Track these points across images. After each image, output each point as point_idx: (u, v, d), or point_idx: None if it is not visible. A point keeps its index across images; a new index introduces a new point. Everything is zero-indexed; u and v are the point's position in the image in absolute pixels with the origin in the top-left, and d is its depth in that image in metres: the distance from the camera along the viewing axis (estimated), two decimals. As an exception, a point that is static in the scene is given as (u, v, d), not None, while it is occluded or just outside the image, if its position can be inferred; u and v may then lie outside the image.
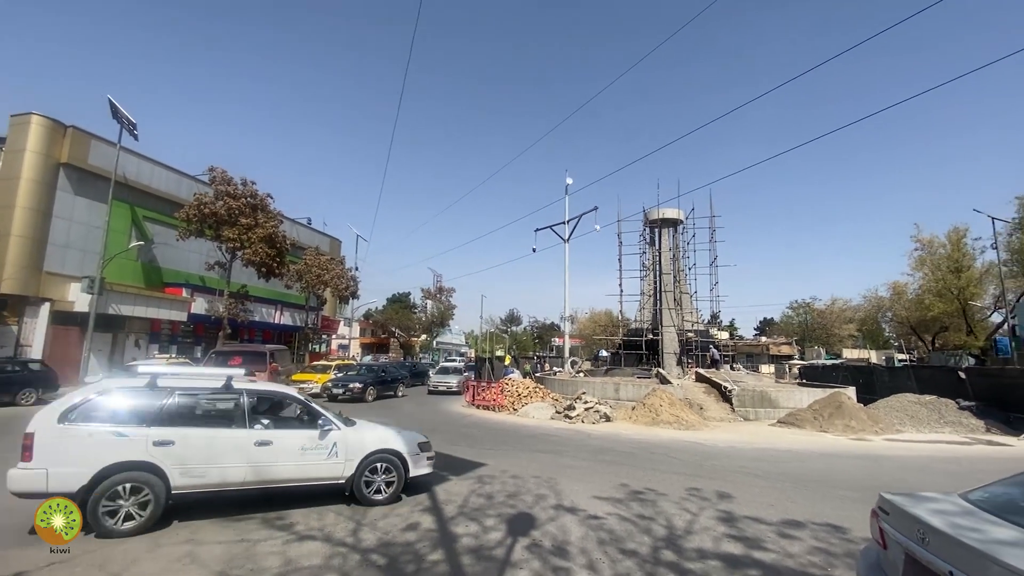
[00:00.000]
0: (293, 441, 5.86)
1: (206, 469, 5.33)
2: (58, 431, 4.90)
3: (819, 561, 4.77)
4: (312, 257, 31.42)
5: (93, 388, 5.41)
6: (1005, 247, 29.16)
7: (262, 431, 5.75)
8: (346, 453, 6.09)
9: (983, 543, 2.21)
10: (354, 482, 6.11)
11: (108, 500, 4.81)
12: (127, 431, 5.09)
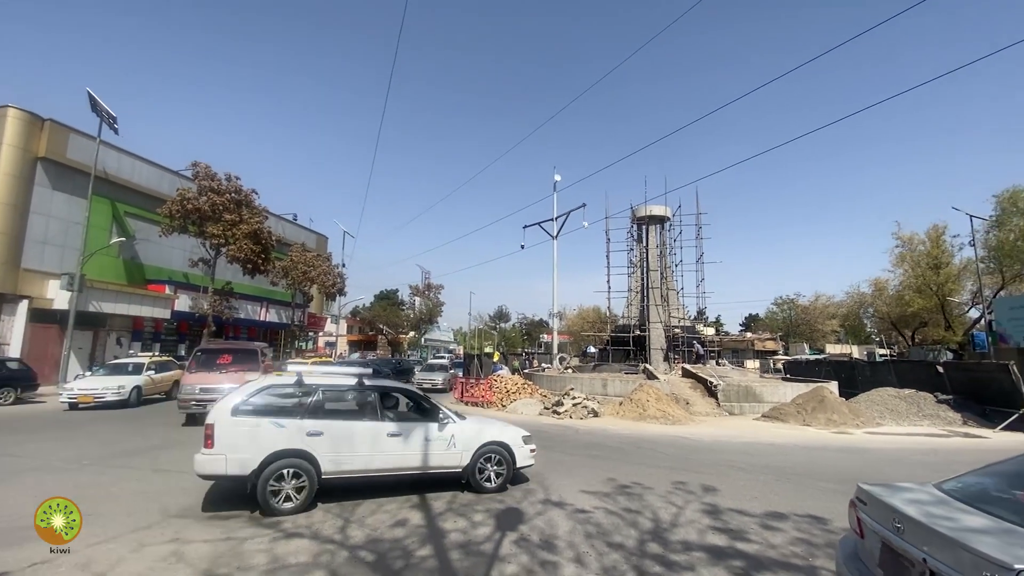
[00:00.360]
0: (418, 433, 6.49)
1: (349, 457, 6.02)
2: (232, 422, 5.65)
3: (801, 551, 4.88)
4: (298, 253, 31.08)
5: (254, 384, 6.22)
6: (982, 244, 29.86)
7: (392, 423, 6.40)
8: (463, 444, 6.70)
9: (955, 531, 2.29)
10: (470, 471, 6.69)
11: (274, 482, 5.56)
12: (285, 423, 5.83)
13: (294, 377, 6.24)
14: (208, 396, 11.42)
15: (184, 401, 12.00)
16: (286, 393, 6.11)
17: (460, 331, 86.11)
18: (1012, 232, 28.58)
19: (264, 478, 5.52)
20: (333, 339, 46.74)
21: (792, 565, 4.56)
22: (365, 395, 6.54)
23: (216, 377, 12.30)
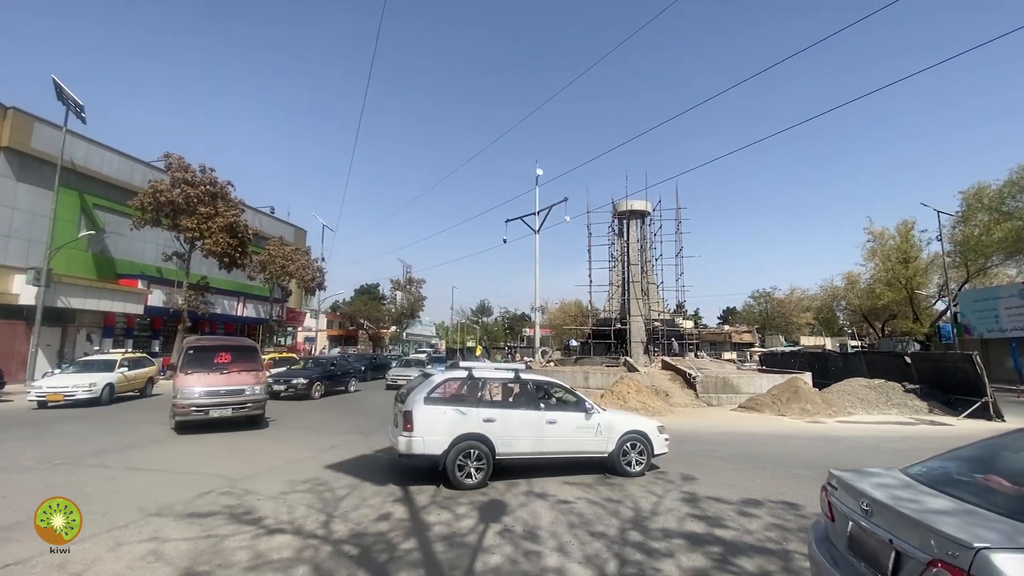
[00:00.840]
0: (570, 421, 7.33)
1: (517, 441, 6.94)
2: (425, 410, 6.60)
3: (775, 536, 5.05)
4: (276, 247, 30.50)
5: (436, 377, 7.15)
6: (949, 239, 30.95)
7: (549, 412, 7.26)
8: (608, 432, 7.46)
9: (920, 513, 2.40)
10: (615, 456, 7.42)
11: (461, 459, 6.53)
12: (466, 410, 6.80)
13: (465, 372, 7.28)
14: (213, 400, 10.42)
15: (182, 407, 10.15)
16: (458, 385, 7.23)
17: (442, 325, 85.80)
18: (976, 227, 29.65)
19: (452, 457, 6.51)
20: (313, 334, 46.17)
21: (767, 550, 4.71)
22: (523, 388, 7.58)
23: (218, 378, 10.84)
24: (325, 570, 4.09)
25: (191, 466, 7.59)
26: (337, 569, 4.11)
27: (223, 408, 10.53)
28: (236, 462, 7.90)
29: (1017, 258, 29.52)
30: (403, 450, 6.53)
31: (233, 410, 10.68)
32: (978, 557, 2.02)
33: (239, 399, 10.80)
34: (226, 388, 10.75)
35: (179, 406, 10.19)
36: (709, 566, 4.32)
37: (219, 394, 10.57)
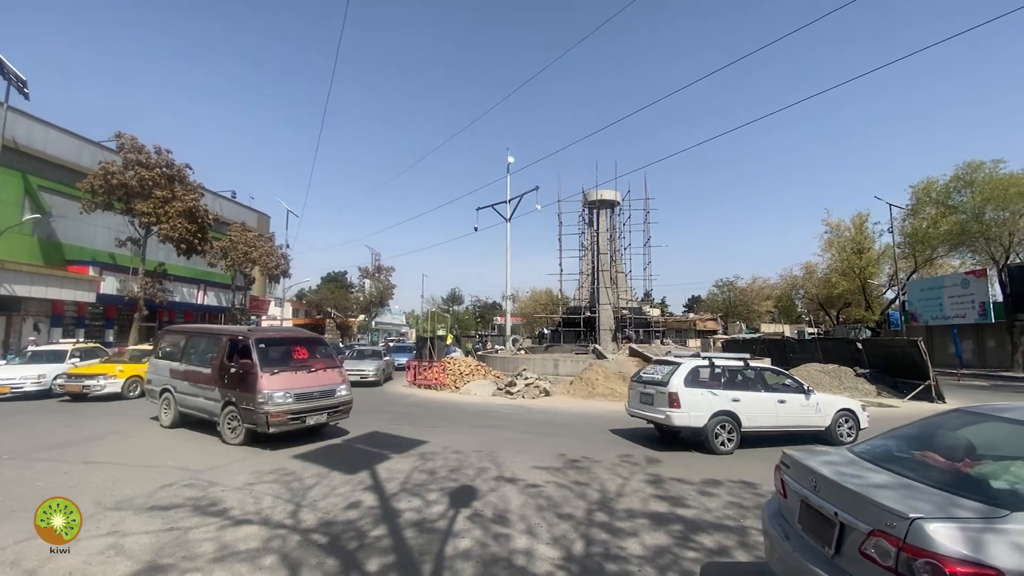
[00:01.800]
0: (795, 401, 8.84)
1: (757, 417, 8.49)
2: (687, 392, 8.29)
3: (733, 514, 5.29)
4: (238, 233, 29.44)
5: (686, 366, 8.62)
6: (900, 231, 32.51)
7: (777, 393, 8.85)
8: (824, 409, 8.99)
9: (862, 487, 2.58)
10: (831, 430, 8.91)
11: (717, 430, 8.19)
12: (716, 392, 8.44)
13: (707, 361, 8.91)
14: (309, 405, 8.53)
15: (278, 416, 8.05)
16: (706, 372, 8.76)
17: (412, 314, 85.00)
18: (924, 220, 31.20)
19: (710, 428, 8.14)
20: (278, 323, 45.02)
21: (725, 526, 4.94)
22: (755, 374, 9.05)
23: (306, 378, 8.83)
24: (293, 559, 4.07)
25: (152, 459, 7.36)
26: (306, 558, 4.10)
27: (319, 414, 8.76)
28: (199, 454, 7.71)
29: (961, 249, 31.27)
30: (676, 422, 8.23)
31: (328, 415, 8.97)
32: (912, 527, 2.19)
33: (332, 401, 9.02)
34: (319, 389, 8.89)
35: (275, 415, 8.03)
36: (671, 543, 4.51)
37: (313, 396, 8.70)
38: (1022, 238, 27.23)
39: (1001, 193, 25.82)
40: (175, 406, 9.77)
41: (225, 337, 9.27)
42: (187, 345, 10.13)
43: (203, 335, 10.23)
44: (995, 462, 2.73)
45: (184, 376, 9.68)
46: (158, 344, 11.12)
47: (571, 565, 4.05)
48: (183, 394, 9.66)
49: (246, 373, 8.33)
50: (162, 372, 10.30)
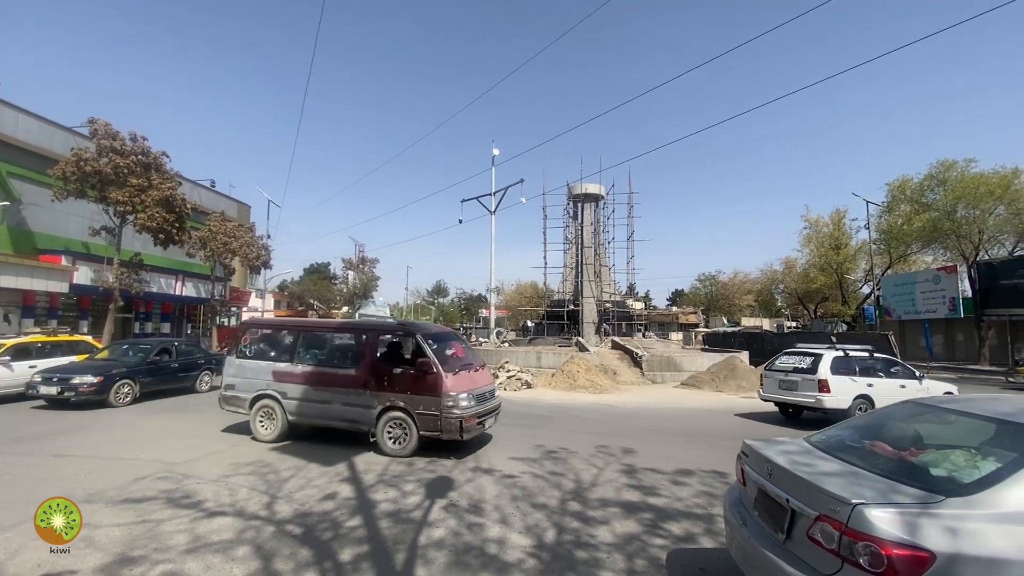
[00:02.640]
0: (912, 385, 10.56)
1: (884, 399, 9.20)
2: (834, 379, 10.19)
3: (702, 502, 5.45)
4: (217, 223, 28.86)
5: (828, 356, 10.56)
6: (876, 227, 33.31)
7: (897, 379, 10.65)
8: (934, 392, 10.61)
9: (811, 475, 2.70)
10: None
11: (857, 412, 9.73)
12: (855, 379, 10.38)
13: (843, 352, 10.74)
14: (485, 407, 7.71)
15: (471, 420, 7.24)
16: (842, 361, 10.54)
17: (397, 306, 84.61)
18: (899, 217, 32.02)
19: (852, 410, 9.86)
20: (259, 314, 44.45)
21: (694, 514, 5.09)
22: (876, 362, 10.93)
23: (476, 378, 8.04)
24: (267, 550, 4.10)
25: (125, 452, 7.28)
26: (280, 548, 4.13)
27: (491, 416, 7.97)
28: (175, 447, 7.64)
29: (933, 246, 32.17)
30: (827, 404, 10.00)
31: (495, 419, 8.21)
32: (854, 512, 2.32)
33: (496, 403, 8.32)
34: (487, 389, 8.15)
35: (468, 420, 7.20)
36: (641, 531, 4.64)
37: (485, 398, 7.90)
38: (991, 235, 28.14)
39: (972, 192, 26.60)
40: (283, 416, 7.97)
41: (374, 333, 8.03)
42: (302, 342, 8.40)
43: (330, 330, 8.90)
44: (937, 451, 2.87)
45: (305, 379, 7.95)
46: (238, 341, 8.98)
47: (542, 553, 4.15)
48: (302, 400, 7.89)
49: (422, 374, 7.24)
50: (257, 375, 8.31)
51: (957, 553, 2.12)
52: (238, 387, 8.46)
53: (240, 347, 8.84)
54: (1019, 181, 25.92)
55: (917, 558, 2.13)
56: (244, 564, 3.85)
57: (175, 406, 11.56)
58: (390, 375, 7.49)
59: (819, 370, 10.28)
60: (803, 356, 11.14)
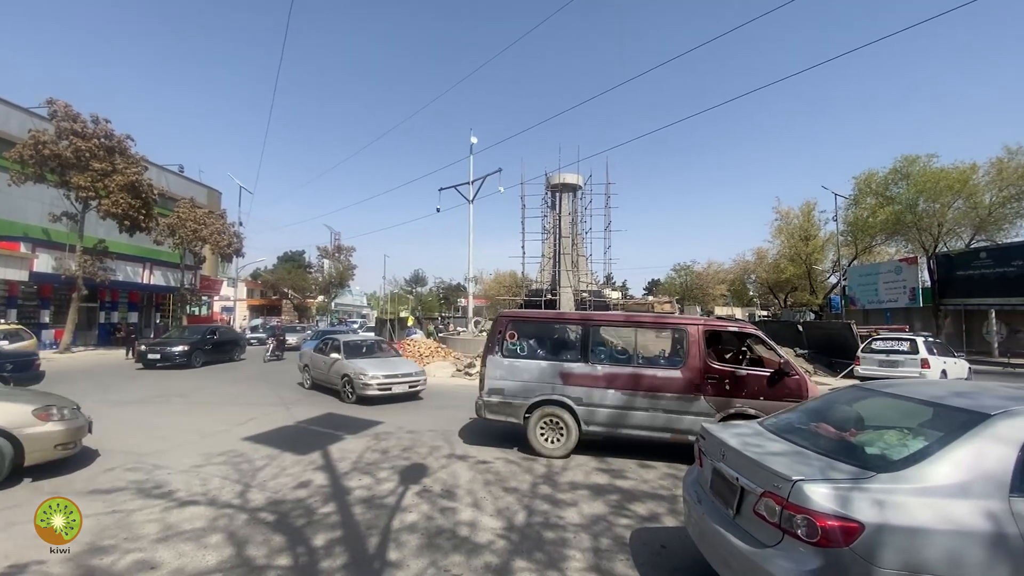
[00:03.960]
0: (958, 362, 13.52)
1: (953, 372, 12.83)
2: (931, 357, 13.57)
3: (667, 484, 5.69)
4: (186, 210, 28.08)
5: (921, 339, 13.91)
6: (843, 220, 34.32)
7: (952, 358, 13.60)
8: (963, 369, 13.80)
9: (759, 455, 2.89)
10: None
11: None
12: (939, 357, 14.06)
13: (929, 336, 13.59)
14: None
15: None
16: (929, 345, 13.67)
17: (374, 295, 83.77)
18: (865, 210, 33.01)
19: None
20: (231, 304, 43.54)
21: (659, 495, 5.32)
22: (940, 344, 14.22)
23: None
24: (240, 537, 4.15)
25: (91, 441, 7.14)
26: (252, 535, 4.18)
27: None
28: (144, 437, 7.54)
29: (896, 238, 33.35)
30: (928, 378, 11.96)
31: None
32: (794, 488, 2.50)
33: None
34: None
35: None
36: (607, 512, 4.83)
37: None
38: (950, 228, 29.28)
39: (933, 186, 27.60)
40: (575, 425, 6.85)
41: (698, 327, 6.90)
42: (591, 337, 7.31)
43: (636, 324, 7.48)
44: (874, 431, 3.10)
45: (609, 382, 6.88)
46: (502, 336, 7.50)
47: (511, 534, 4.30)
48: (606, 408, 6.83)
49: (781, 376, 6.36)
50: (538, 377, 7.12)
51: (883, 524, 2.32)
52: (508, 392, 7.17)
53: (507, 344, 7.46)
54: (976, 177, 26.98)
55: (847, 528, 2.33)
56: (217, 551, 3.89)
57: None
58: (732, 377, 6.56)
59: (920, 351, 13.58)
60: (899, 340, 14.61)
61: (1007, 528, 2.27)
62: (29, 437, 5.26)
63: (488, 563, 3.78)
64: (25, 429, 5.25)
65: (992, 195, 26.57)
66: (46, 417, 5.43)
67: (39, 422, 5.36)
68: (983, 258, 27.05)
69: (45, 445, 5.39)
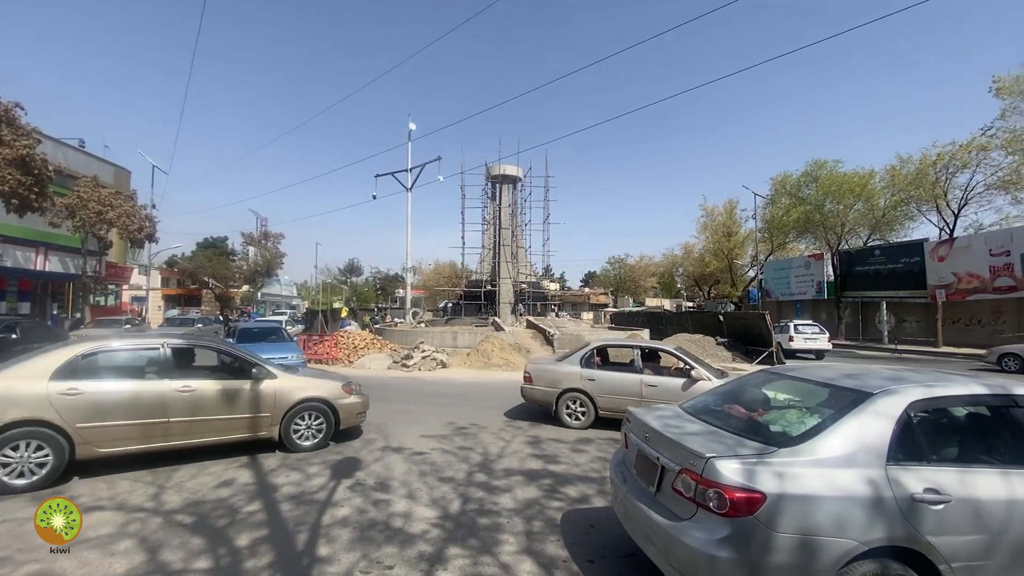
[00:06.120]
0: None
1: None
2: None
3: (598, 467, 5.94)
4: (89, 189, 25.30)
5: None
6: (761, 218, 37.01)
7: None
8: None
9: (677, 435, 3.10)
10: None
11: None
12: None
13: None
14: None
15: None
16: None
17: (305, 285, 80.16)
18: (780, 209, 35.80)
19: None
20: (143, 293, 40.04)
21: (589, 478, 5.55)
22: None
23: None
24: (153, 541, 3.88)
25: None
26: (168, 539, 3.93)
27: None
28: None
29: (806, 236, 36.46)
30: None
31: None
32: (707, 464, 2.71)
33: None
34: None
35: None
36: (540, 496, 4.98)
37: None
38: (851, 227, 32.39)
39: (837, 189, 30.41)
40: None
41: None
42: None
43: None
44: (777, 410, 3.41)
45: None
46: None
47: (446, 523, 4.33)
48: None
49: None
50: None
51: (782, 493, 2.57)
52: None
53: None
54: (874, 182, 30.00)
55: (751, 499, 2.56)
56: (126, 558, 3.63)
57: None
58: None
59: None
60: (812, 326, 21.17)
61: (884, 492, 2.59)
62: (342, 406, 6.70)
63: (422, 552, 3.79)
64: (339, 400, 6.70)
65: (886, 199, 29.63)
66: (350, 391, 6.88)
67: (346, 395, 6.80)
68: (877, 255, 30.15)
69: (351, 412, 6.86)
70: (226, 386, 5.92)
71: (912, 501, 2.58)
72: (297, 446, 6.33)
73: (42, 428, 4.91)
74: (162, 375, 5.63)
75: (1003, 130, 23.73)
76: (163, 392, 5.49)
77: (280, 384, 6.29)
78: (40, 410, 4.91)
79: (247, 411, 6.02)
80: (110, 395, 5.27)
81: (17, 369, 5.07)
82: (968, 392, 3.02)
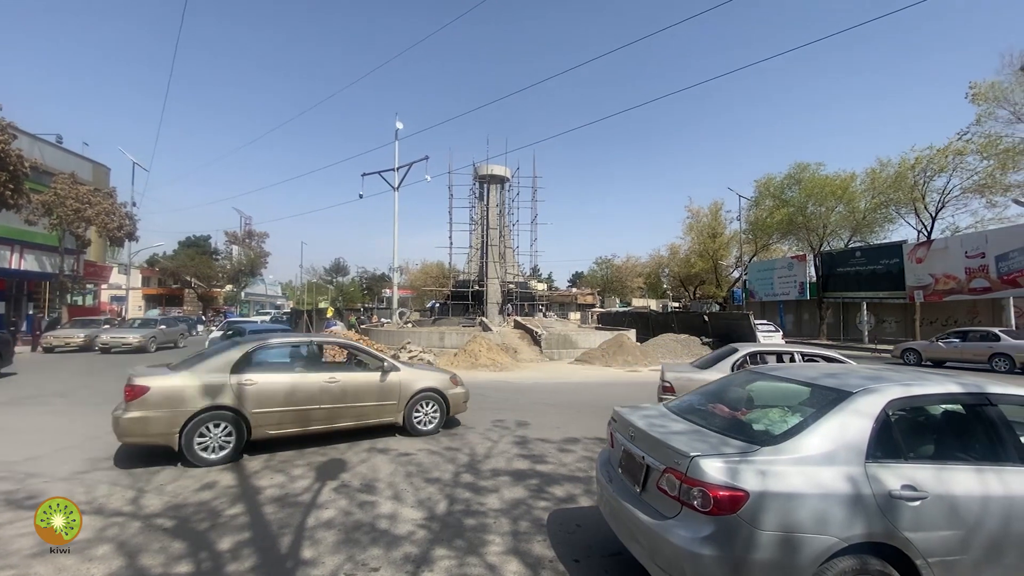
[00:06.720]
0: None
1: None
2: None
3: (584, 467, 5.96)
4: (66, 186, 24.77)
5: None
6: (745, 219, 37.47)
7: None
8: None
9: (662, 434, 3.12)
10: None
11: None
12: None
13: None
14: None
15: None
16: None
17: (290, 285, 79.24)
18: (764, 211, 36.30)
19: None
20: (123, 292, 39.26)
21: (576, 478, 5.56)
22: None
23: None
24: (132, 546, 3.81)
25: None
26: (148, 543, 3.86)
27: None
28: (11, 444, 6.66)
29: (789, 237, 37.00)
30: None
31: None
32: (692, 463, 2.74)
33: None
34: None
35: None
36: (527, 496, 4.98)
37: None
38: (832, 229, 32.94)
39: (819, 191, 30.91)
40: None
41: None
42: None
43: None
44: (760, 409, 3.45)
45: None
46: None
47: (432, 524, 4.31)
48: None
49: None
50: None
51: (765, 491, 2.60)
52: None
53: None
54: (855, 184, 30.55)
55: (735, 497, 2.59)
56: (104, 563, 3.55)
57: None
58: None
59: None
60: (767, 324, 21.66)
61: (863, 489, 2.64)
62: (451, 396, 7.56)
63: (408, 554, 3.77)
64: (449, 390, 7.56)
65: (867, 201, 30.20)
66: (456, 383, 7.74)
67: (453, 386, 7.66)
68: (858, 257, 30.73)
69: (459, 401, 7.71)
70: (364, 378, 6.93)
71: (890, 498, 2.63)
72: (418, 431, 7.19)
73: (228, 412, 5.88)
74: (309, 368, 6.73)
75: (979, 135, 24.32)
76: (317, 383, 6.47)
77: (403, 376, 7.22)
78: (226, 398, 5.88)
79: (379, 399, 6.97)
80: (277, 385, 6.25)
81: (206, 364, 6.03)
82: (944, 391, 3.10)
